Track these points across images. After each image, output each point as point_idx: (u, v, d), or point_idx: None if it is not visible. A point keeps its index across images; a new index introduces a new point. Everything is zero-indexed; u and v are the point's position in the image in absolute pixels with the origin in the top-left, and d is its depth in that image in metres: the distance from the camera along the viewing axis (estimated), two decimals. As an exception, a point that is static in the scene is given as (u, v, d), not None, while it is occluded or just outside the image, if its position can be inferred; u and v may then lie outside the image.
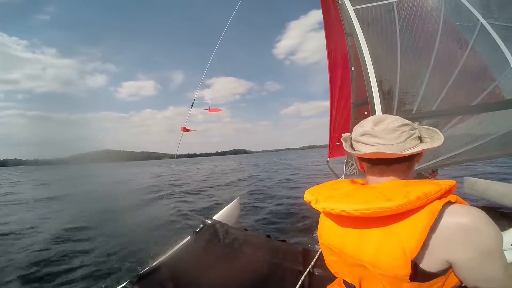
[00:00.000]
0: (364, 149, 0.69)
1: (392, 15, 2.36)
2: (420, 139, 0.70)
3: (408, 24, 2.23)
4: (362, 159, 0.74)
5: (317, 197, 0.72)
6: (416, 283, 0.58)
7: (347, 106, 2.78)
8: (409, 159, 0.69)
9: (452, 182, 0.63)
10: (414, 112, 1.88)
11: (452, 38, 2.01)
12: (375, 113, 1.92)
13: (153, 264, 1.47)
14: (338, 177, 2.96)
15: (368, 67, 2.09)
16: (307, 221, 4.27)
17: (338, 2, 2.78)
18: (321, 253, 1.45)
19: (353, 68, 2.94)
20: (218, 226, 1.87)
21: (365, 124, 0.71)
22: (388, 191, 0.62)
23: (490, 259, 0.55)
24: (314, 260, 1.45)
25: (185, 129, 2.33)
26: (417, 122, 0.73)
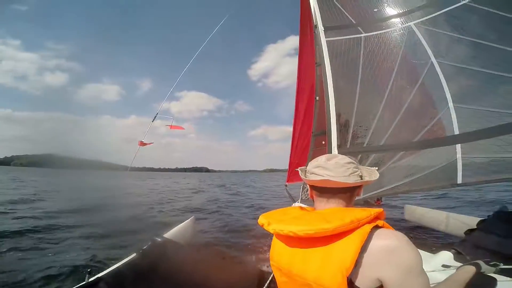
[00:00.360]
0: (315, 178, 0.81)
1: (359, 50, 2.56)
2: (361, 177, 0.83)
3: (371, 59, 2.43)
4: (313, 187, 0.86)
5: (269, 220, 0.81)
6: None
7: (308, 134, 2.95)
8: (351, 190, 0.83)
9: (379, 210, 0.75)
10: (365, 145, 2.08)
11: (406, 75, 2.20)
12: (331, 144, 2.12)
13: (90, 280, 1.43)
14: (294, 201, 3.13)
15: (330, 99, 2.30)
16: (263, 240, 4.22)
17: (314, 32, 2.99)
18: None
19: (317, 98, 3.11)
20: (168, 244, 1.82)
21: (319, 159, 0.85)
22: (328, 216, 0.73)
23: (412, 276, 0.65)
24: (268, 282, 1.53)
25: (142, 143, 2.38)
26: (357, 162, 0.88)
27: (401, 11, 2.61)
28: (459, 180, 1.71)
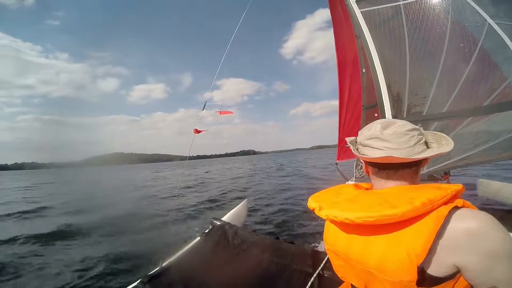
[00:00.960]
0: (371, 153, 0.68)
1: (400, 18, 2.39)
2: (427, 144, 0.70)
3: (416, 27, 2.26)
4: (369, 163, 0.73)
5: (320, 204, 0.71)
6: None
7: (357, 108, 2.79)
8: (417, 164, 0.69)
9: (458, 186, 0.63)
10: (424, 114, 1.90)
11: (460, 40, 2.02)
12: (385, 116, 1.95)
13: (163, 265, 1.50)
14: (347, 180, 2.97)
15: (377, 70, 2.13)
16: (315, 223, 4.25)
17: (346, 4, 2.82)
18: None
19: (363, 70, 2.95)
20: (227, 227, 1.87)
21: (373, 128, 0.70)
22: (392, 198, 0.61)
23: (498, 262, 0.55)
24: (324, 262, 1.45)
25: (197, 131, 2.35)
26: (421, 128, 0.74)
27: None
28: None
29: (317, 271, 1.40)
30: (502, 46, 1.84)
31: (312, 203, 0.74)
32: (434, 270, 0.58)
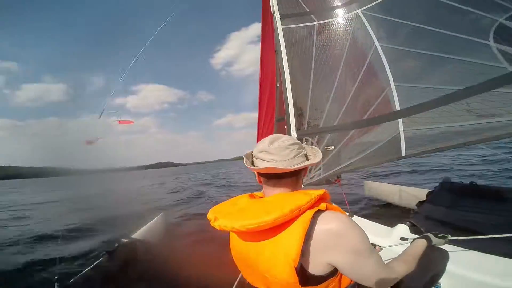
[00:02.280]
0: (260, 165, 0.76)
1: (312, 38, 2.65)
2: (306, 156, 0.80)
3: (323, 47, 2.53)
4: (259, 173, 0.80)
5: (216, 215, 0.75)
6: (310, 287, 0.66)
7: (272, 120, 3.06)
8: (297, 174, 0.78)
9: (321, 192, 0.72)
10: (320, 127, 2.18)
11: (353, 60, 2.32)
12: (290, 128, 2.20)
13: (65, 285, 1.43)
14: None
15: (287, 86, 2.37)
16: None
17: (274, 19, 3.04)
18: None
19: (278, 85, 3.20)
20: (137, 244, 1.84)
21: (263, 142, 0.79)
22: (270, 205, 0.69)
23: (361, 257, 0.64)
24: (241, 274, 1.57)
25: (89, 142, 2.26)
26: (304, 142, 0.89)
27: (349, -1, 2.74)
28: (403, 153, 1.87)
29: (238, 279, 1.46)
30: (381, 66, 2.16)
31: (209, 214, 0.78)
32: (313, 269, 0.65)
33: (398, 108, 1.94)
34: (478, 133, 1.70)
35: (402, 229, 1.85)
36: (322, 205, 0.70)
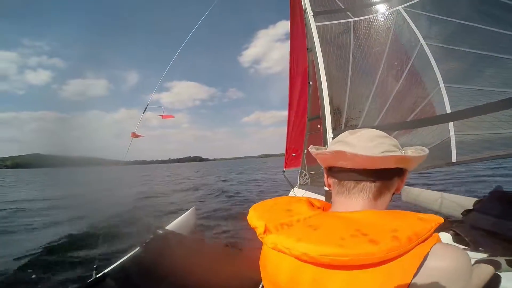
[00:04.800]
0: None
1: (349, 35, 2.54)
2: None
3: (361, 43, 2.42)
4: (329, 171, 0.62)
5: (266, 223, 0.55)
6: None
7: (303, 119, 2.94)
8: (383, 175, 0.55)
9: (440, 219, 0.51)
10: (359, 127, 2.06)
11: (396, 57, 2.19)
12: (325, 128, 2.09)
13: (97, 276, 1.45)
14: (292, 187, 3.12)
15: (322, 83, 2.26)
16: None
17: (304, 17, 2.95)
18: None
19: (310, 83, 3.10)
20: (171, 236, 1.86)
21: (341, 134, 0.62)
22: (368, 227, 0.47)
23: None
24: None
25: (135, 135, 2.24)
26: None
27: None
28: (454, 159, 1.72)
29: None
30: (428, 66, 2.02)
31: (254, 220, 0.58)
32: None
33: (449, 110, 1.79)
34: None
35: (445, 237, 1.75)
36: (435, 236, 0.49)
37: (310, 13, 2.85)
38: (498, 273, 0.90)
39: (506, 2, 2.01)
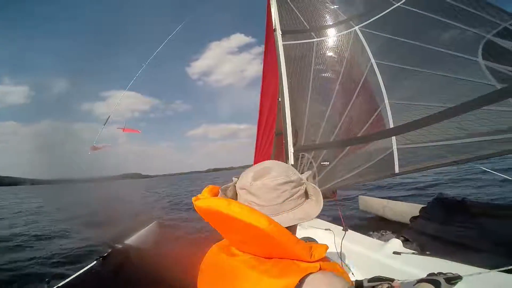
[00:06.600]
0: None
1: (311, 54, 2.73)
2: (307, 195, 0.64)
3: (322, 62, 2.62)
4: None
5: None
6: None
7: (272, 133, 3.15)
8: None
9: (323, 250, 0.57)
10: (317, 143, 2.25)
11: (349, 77, 2.39)
12: (287, 143, 2.28)
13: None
14: None
15: (285, 100, 2.46)
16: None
17: (275, 35, 3.14)
18: None
19: (279, 99, 3.28)
20: (130, 250, 1.85)
21: (246, 176, 0.62)
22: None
23: None
24: None
25: (95, 148, 2.27)
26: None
27: (347, 16, 2.81)
28: (397, 170, 1.90)
29: None
30: (376, 83, 2.21)
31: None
32: None
33: (392, 125, 1.98)
34: (468, 152, 1.72)
35: (396, 243, 1.88)
36: (314, 265, 0.53)
37: (279, 32, 3.05)
38: None
39: (446, 21, 2.19)
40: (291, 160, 2.27)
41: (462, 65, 1.97)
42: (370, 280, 0.99)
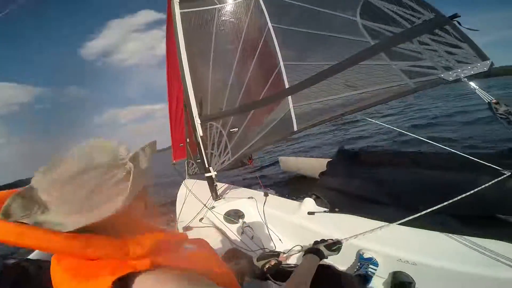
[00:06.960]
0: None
1: (213, 22, 2.57)
2: (130, 172, 0.49)
3: (222, 30, 2.49)
4: None
5: None
6: None
7: (180, 107, 3.01)
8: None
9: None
10: (222, 111, 2.20)
11: (250, 42, 2.35)
12: (192, 115, 2.16)
13: None
14: (183, 179, 3.12)
15: (185, 72, 2.29)
16: None
17: (172, 2, 2.83)
18: None
19: None
20: (27, 264, 1.59)
21: (37, 172, 0.47)
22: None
23: None
24: None
25: None
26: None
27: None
28: (295, 128, 2.00)
29: None
30: (273, 47, 2.23)
31: None
32: None
33: (287, 86, 2.04)
34: (353, 103, 1.91)
35: (310, 203, 1.85)
36: (144, 262, 0.45)
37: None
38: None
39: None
40: (200, 131, 2.17)
41: (345, 24, 2.13)
42: (258, 259, 1.04)
